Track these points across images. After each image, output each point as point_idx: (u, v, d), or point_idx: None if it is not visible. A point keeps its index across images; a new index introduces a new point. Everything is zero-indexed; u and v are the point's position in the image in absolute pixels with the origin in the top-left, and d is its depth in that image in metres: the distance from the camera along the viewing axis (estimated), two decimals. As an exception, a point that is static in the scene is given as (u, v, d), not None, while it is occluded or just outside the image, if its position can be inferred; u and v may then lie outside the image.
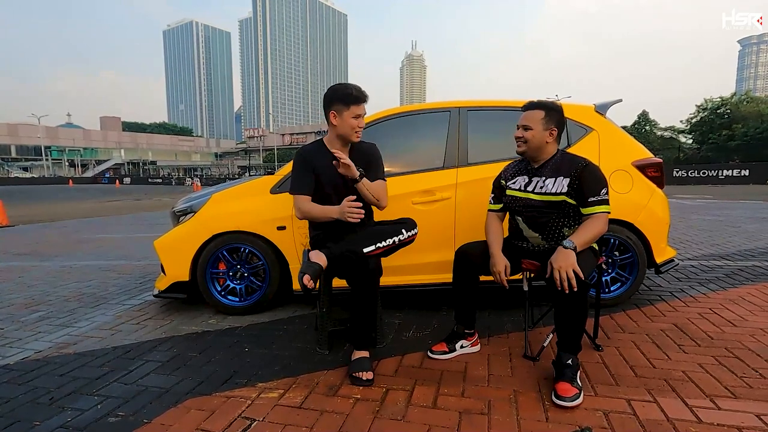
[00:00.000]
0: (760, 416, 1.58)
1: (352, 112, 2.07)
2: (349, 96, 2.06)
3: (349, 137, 2.12)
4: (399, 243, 2.07)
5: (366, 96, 2.10)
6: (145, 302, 3.26)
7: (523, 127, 2.02)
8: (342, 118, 2.07)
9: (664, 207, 2.87)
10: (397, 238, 2.05)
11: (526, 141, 2.01)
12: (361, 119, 2.10)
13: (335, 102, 2.08)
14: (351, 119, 2.07)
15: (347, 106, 2.06)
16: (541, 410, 1.67)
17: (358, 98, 2.06)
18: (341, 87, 2.10)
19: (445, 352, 2.15)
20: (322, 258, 1.94)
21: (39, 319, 2.92)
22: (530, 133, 1.99)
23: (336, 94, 2.08)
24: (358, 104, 2.07)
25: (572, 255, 1.75)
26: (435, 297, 3.06)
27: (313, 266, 1.90)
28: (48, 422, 1.67)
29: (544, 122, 1.99)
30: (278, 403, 1.77)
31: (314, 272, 1.89)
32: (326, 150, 2.17)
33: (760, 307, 2.78)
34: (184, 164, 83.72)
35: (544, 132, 1.99)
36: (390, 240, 2.03)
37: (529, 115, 2.02)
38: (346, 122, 2.08)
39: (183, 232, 2.91)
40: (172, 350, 2.34)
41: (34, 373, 2.10)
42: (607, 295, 2.83)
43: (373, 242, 2.00)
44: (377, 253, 2.02)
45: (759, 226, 6.40)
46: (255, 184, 2.98)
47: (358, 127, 2.10)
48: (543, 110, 2.00)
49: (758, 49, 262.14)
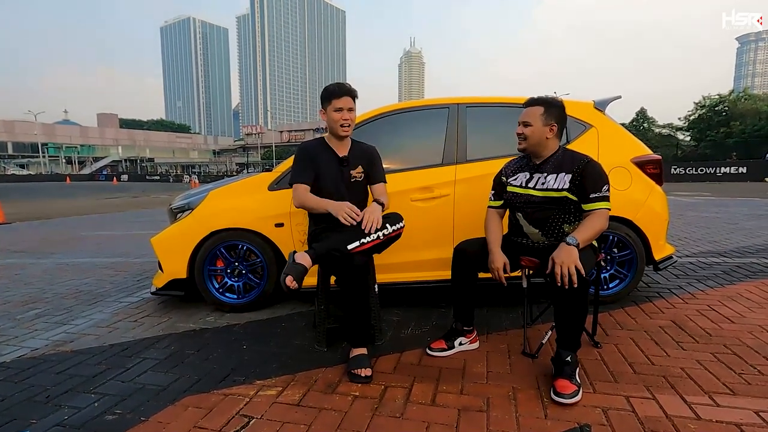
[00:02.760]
0: (759, 413, 1.58)
1: (333, 105, 2.15)
2: (330, 92, 2.16)
3: (335, 131, 2.19)
4: (384, 237, 2.05)
5: (347, 88, 2.17)
6: (143, 300, 3.25)
7: (523, 124, 2.01)
8: (327, 113, 2.18)
9: (663, 204, 2.87)
10: (381, 233, 2.03)
11: (526, 137, 2.00)
12: (344, 112, 2.15)
13: (322, 101, 2.20)
14: (333, 112, 2.15)
15: (329, 101, 2.16)
16: (540, 407, 1.66)
17: (335, 92, 2.15)
18: (327, 86, 2.20)
19: (443, 349, 2.15)
20: (307, 259, 1.94)
21: (35, 317, 2.91)
22: (530, 129, 1.99)
23: (323, 93, 2.20)
24: (338, 97, 2.14)
25: (575, 251, 1.75)
26: (433, 294, 3.06)
27: (296, 267, 1.90)
28: (44, 420, 1.66)
29: (543, 118, 1.98)
30: (276, 400, 1.76)
31: (297, 273, 1.89)
32: (327, 146, 2.24)
33: (758, 304, 2.78)
34: (181, 161, 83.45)
35: (543, 128, 1.98)
36: (374, 235, 2.02)
37: (529, 111, 2.01)
38: (330, 117, 2.16)
39: (180, 229, 2.89)
40: (170, 348, 2.33)
41: (31, 371, 2.09)
42: (606, 292, 2.83)
43: (357, 239, 1.99)
44: (363, 249, 2.00)
45: (757, 223, 6.41)
46: (253, 181, 2.96)
47: (342, 120, 2.15)
48: (542, 106, 1.99)
49: (756, 47, 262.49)
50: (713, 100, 40.35)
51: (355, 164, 2.25)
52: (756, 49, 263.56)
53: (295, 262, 1.92)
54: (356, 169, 2.25)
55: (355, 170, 2.24)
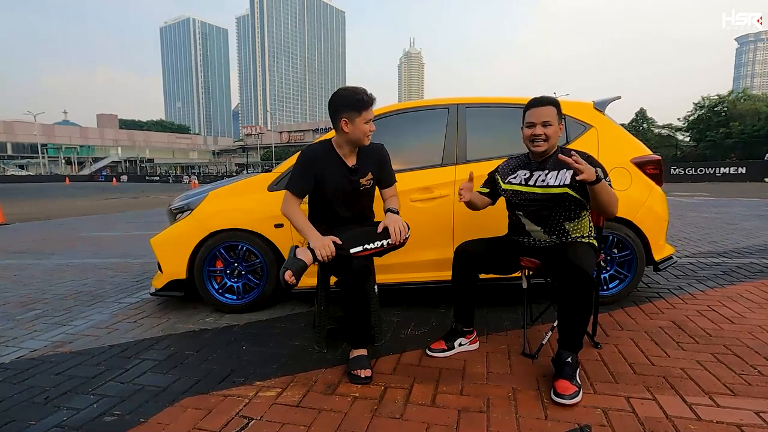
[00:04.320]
0: (759, 413, 1.58)
1: (363, 117, 2.02)
2: (361, 102, 2.00)
3: (361, 142, 2.09)
4: (388, 246, 2.03)
5: (374, 99, 2.06)
6: (142, 300, 3.25)
7: (542, 124, 1.97)
8: (354, 124, 2.02)
9: (663, 204, 2.87)
10: (386, 241, 2.02)
11: (548, 138, 1.97)
12: (371, 123, 2.07)
13: (346, 109, 2.01)
14: (363, 125, 2.03)
15: (359, 112, 2.01)
16: (540, 408, 1.66)
17: (368, 103, 2.02)
18: (350, 93, 2.03)
19: (443, 349, 2.15)
20: (308, 255, 1.91)
21: (35, 318, 2.90)
22: (551, 129, 1.97)
23: (344, 100, 2.02)
24: (368, 109, 2.03)
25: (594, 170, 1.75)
26: (433, 294, 3.05)
27: (297, 263, 1.87)
28: (43, 421, 1.65)
29: (558, 117, 2.00)
30: (276, 401, 1.76)
31: (297, 269, 1.86)
32: (335, 154, 2.12)
33: (758, 304, 2.78)
34: (181, 162, 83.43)
35: (558, 127, 2.00)
36: (378, 243, 2.00)
37: (545, 111, 1.97)
38: (358, 128, 2.03)
39: (180, 230, 2.89)
40: (169, 349, 2.33)
41: (30, 372, 2.09)
42: (606, 293, 2.83)
43: (361, 243, 1.98)
44: (365, 254, 2.00)
45: (756, 224, 6.41)
46: (252, 182, 2.96)
47: (369, 132, 2.07)
48: (554, 106, 2.00)
49: (755, 47, 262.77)
50: (712, 101, 40.40)
51: (365, 171, 2.15)
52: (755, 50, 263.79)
53: (296, 257, 1.90)
54: (366, 176, 2.15)
55: (364, 178, 2.14)
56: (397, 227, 1.99)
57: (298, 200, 2.10)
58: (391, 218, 2.04)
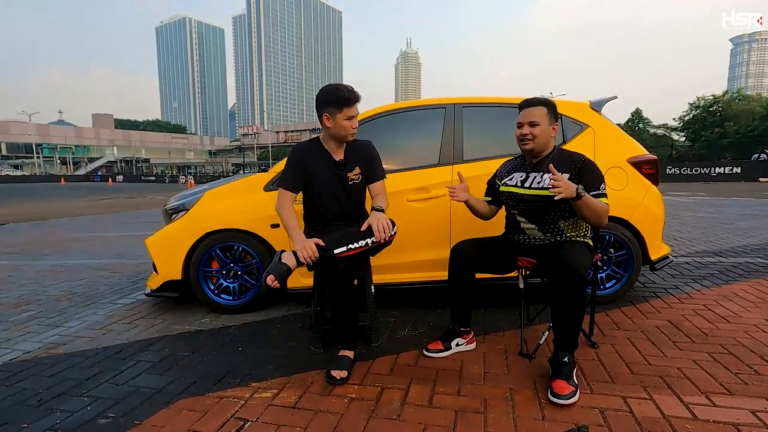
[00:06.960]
0: (756, 413, 1.58)
1: (344, 114, 2.03)
2: (341, 98, 2.02)
3: (344, 138, 2.11)
4: (373, 244, 2.02)
5: (358, 96, 2.06)
6: (137, 301, 3.22)
7: (529, 124, 1.99)
8: (335, 120, 2.04)
9: (659, 204, 2.87)
10: (370, 239, 2.00)
11: (535, 137, 1.99)
12: (354, 120, 2.07)
13: (328, 105, 2.04)
14: (344, 121, 2.04)
15: (339, 108, 2.02)
16: (537, 408, 1.66)
17: (349, 100, 2.03)
18: (332, 89, 2.05)
19: (440, 350, 2.14)
20: (292, 260, 1.91)
21: (28, 319, 2.87)
22: (538, 129, 1.98)
23: (328, 96, 2.04)
24: (350, 106, 2.04)
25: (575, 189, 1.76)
26: (430, 295, 3.05)
27: (280, 267, 1.88)
28: (37, 424, 1.64)
29: (548, 117, 2.00)
30: (272, 403, 1.75)
31: (280, 273, 1.86)
32: (322, 149, 2.15)
33: (754, 303, 2.79)
34: (177, 162, 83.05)
35: (549, 127, 2.00)
36: (362, 242, 1.99)
37: (534, 111, 2.00)
38: (339, 124, 2.04)
39: (175, 230, 2.87)
40: (164, 350, 2.31)
41: (23, 374, 2.06)
42: (603, 292, 2.83)
43: (345, 244, 1.97)
44: (350, 254, 1.98)
45: (751, 223, 6.44)
46: (248, 182, 2.94)
47: (351, 128, 2.07)
48: (546, 106, 2.01)
49: (750, 48, 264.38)
50: (707, 101, 40.61)
51: (352, 166, 2.17)
52: (749, 50, 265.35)
53: (280, 262, 1.90)
54: (353, 171, 2.17)
55: (352, 172, 2.16)
56: (380, 225, 1.98)
57: (293, 197, 2.12)
58: (375, 216, 2.04)
